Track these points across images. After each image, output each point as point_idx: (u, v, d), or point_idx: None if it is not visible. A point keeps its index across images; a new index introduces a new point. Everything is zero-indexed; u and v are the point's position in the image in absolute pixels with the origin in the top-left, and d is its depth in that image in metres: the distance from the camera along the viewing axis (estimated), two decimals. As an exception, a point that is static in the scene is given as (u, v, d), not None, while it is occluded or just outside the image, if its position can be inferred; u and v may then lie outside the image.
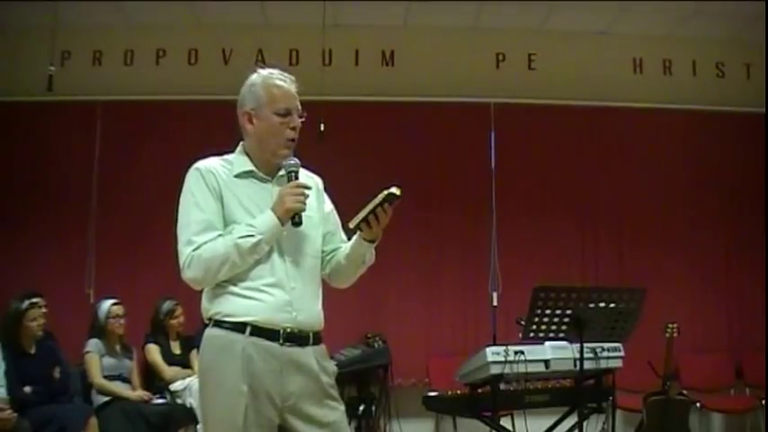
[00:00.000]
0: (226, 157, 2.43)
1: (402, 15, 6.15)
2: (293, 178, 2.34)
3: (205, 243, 2.27)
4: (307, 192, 2.32)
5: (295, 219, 2.30)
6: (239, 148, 2.44)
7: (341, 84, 5.93)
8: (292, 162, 2.35)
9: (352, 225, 2.37)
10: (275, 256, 2.31)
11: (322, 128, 4.99)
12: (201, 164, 2.39)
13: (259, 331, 2.25)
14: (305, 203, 2.30)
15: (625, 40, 6.42)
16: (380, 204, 2.31)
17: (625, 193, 6.28)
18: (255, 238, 2.25)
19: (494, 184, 6.19)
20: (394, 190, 2.30)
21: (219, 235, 2.28)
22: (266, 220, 2.27)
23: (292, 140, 2.38)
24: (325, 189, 2.57)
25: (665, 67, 6.48)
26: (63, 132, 6.05)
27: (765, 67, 6.06)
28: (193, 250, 2.27)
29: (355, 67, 6.29)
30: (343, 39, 6.14)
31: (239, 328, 2.25)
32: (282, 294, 2.28)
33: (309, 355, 2.31)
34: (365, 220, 2.33)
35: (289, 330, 2.27)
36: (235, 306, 2.27)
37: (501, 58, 6.38)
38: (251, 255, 2.26)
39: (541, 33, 6.37)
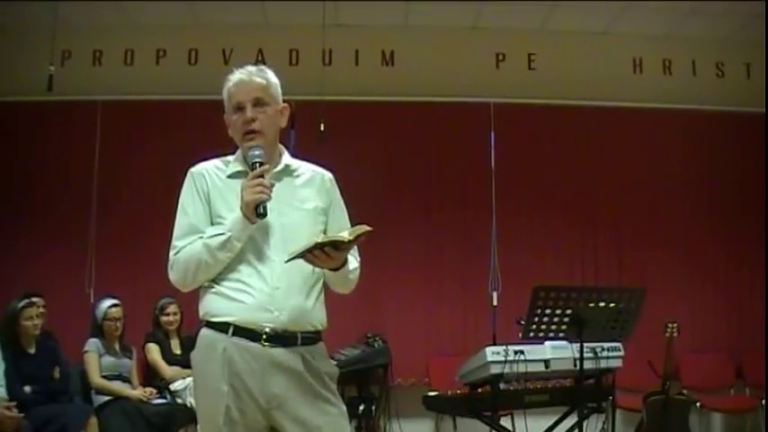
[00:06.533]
0: (227, 157, 2.43)
1: (402, 15, 6.15)
2: (256, 168, 2.27)
3: (184, 246, 2.29)
4: (267, 181, 2.24)
5: (259, 210, 2.22)
6: (239, 149, 2.43)
7: (341, 84, 5.92)
8: (256, 153, 2.29)
9: (284, 261, 2.24)
10: (260, 254, 2.28)
11: (322, 128, 4.99)
12: (196, 167, 2.41)
13: (240, 331, 2.23)
14: (268, 194, 2.22)
15: (625, 40, 6.41)
16: (317, 247, 2.16)
17: (625, 193, 6.28)
18: (225, 236, 2.23)
19: (494, 184, 6.18)
20: (345, 234, 2.18)
21: (200, 237, 2.28)
22: (234, 216, 2.25)
23: (249, 132, 2.33)
24: None
25: (664, 67, 6.48)
26: (63, 132, 6.06)
27: (765, 67, 6.06)
28: (175, 254, 2.31)
29: (355, 67, 6.29)
30: (343, 39, 6.14)
31: (222, 328, 2.25)
32: (264, 294, 2.24)
33: (295, 356, 2.25)
34: (299, 256, 2.20)
35: (269, 331, 2.23)
36: (218, 306, 2.27)
37: (501, 58, 6.39)
38: (221, 252, 2.24)
39: (541, 33, 6.37)
